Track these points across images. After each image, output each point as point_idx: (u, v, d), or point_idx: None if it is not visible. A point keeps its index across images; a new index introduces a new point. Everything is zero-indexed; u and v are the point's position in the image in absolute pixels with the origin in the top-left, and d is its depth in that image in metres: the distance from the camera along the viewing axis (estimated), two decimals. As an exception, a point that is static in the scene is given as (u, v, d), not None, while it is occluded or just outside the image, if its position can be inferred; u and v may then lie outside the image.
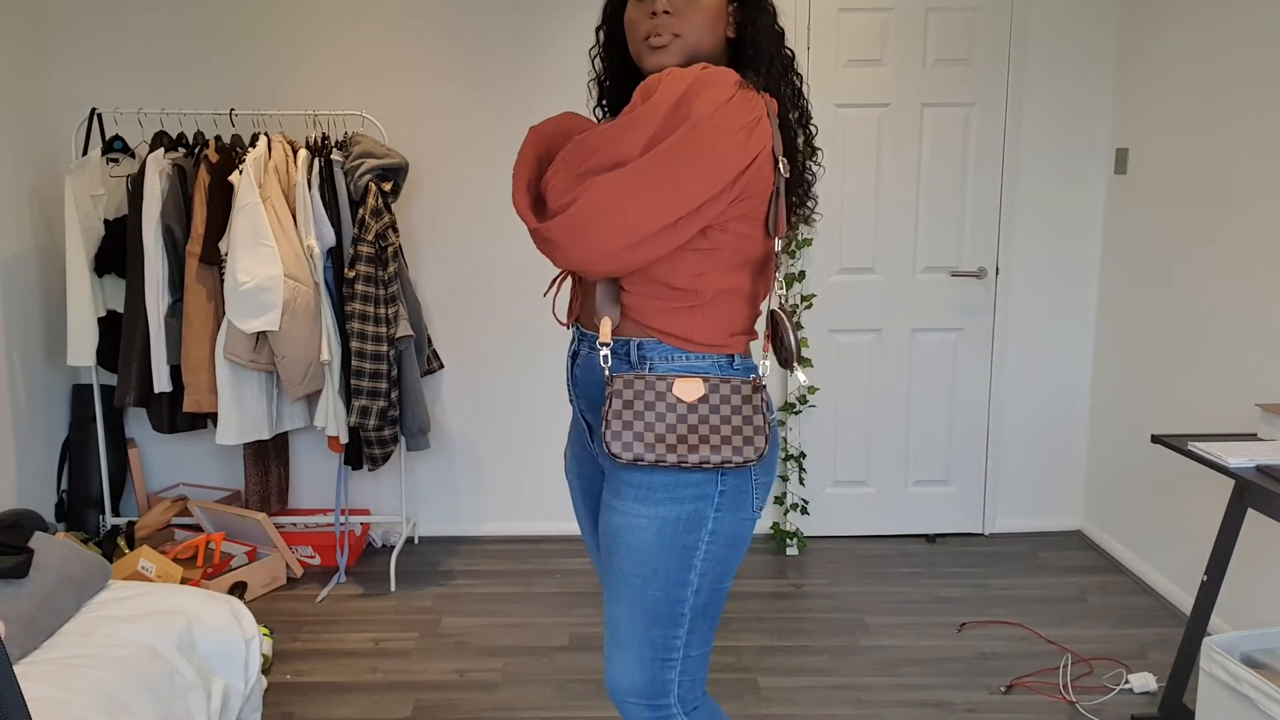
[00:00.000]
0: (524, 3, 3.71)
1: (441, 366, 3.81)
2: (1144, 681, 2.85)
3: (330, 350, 3.36)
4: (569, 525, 4.03)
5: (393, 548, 3.83)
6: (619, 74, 1.75)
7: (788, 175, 1.63)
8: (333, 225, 3.36)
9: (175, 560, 3.39)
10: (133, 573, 3.23)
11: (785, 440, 3.93)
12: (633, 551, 1.60)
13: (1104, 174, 3.84)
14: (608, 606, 1.68)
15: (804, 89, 1.69)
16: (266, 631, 2.97)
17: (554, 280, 1.82)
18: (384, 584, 3.60)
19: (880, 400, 3.95)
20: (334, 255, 3.40)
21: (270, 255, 3.19)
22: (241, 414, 3.35)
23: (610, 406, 1.57)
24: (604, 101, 1.79)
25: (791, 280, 3.79)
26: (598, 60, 1.76)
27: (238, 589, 3.39)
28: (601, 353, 1.61)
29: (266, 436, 3.43)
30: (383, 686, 2.92)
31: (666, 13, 1.57)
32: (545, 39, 3.74)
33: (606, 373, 1.60)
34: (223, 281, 3.28)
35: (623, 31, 1.68)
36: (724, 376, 1.60)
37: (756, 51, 1.62)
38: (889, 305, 3.89)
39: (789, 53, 1.66)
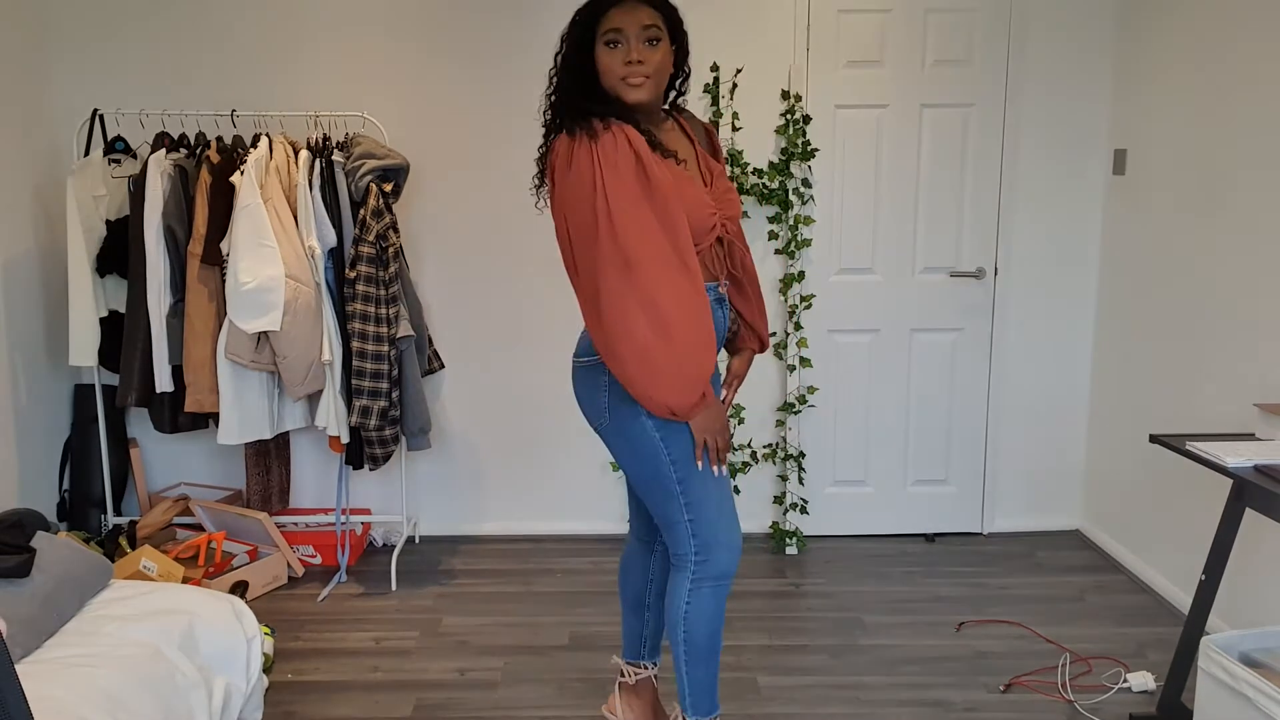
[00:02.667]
0: (524, 3, 3.72)
1: (442, 366, 3.82)
2: (1142, 680, 2.86)
3: (331, 350, 3.36)
4: (569, 525, 4.04)
5: (393, 547, 3.83)
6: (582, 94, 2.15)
7: None
8: (334, 226, 3.37)
9: (177, 560, 3.40)
10: (134, 572, 3.23)
11: (785, 440, 3.94)
12: None
13: (1103, 174, 3.85)
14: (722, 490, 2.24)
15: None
16: (268, 631, 2.98)
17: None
18: (385, 583, 3.60)
19: (879, 400, 3.95)
20: (335, 256, 3.41)
21: (272, 256, 3.19)
22: (243, 414, 3.36)
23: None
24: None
25: (791, 280, 3.80)
26: (562, 79, 2.16)
27: (239, 588, 3.40)
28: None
29: (268, 436, 3.44)
30: (384, 685, 2.93)
31: (640, 61, 2.07)
32: (545, 39, 3.73)
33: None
34: (224, 282, 3.29)
35: (587, 64, 2.11)
36: None
37: (683, 79, 2.27)
38: (888, 305, 3.90)
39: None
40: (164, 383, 3.42)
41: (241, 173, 3.24)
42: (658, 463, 2.16)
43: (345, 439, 3.46)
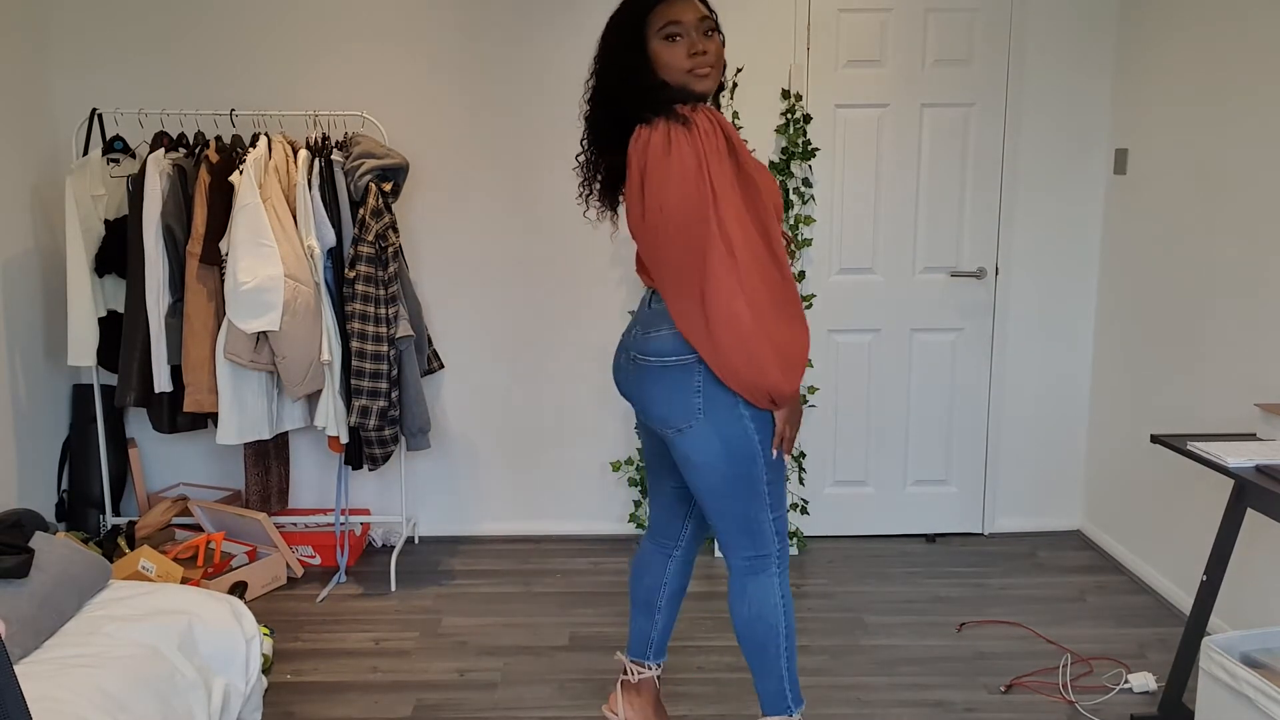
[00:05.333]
0: (523, 3, 3.72)
1: (442, 366, 3.81)
2: (1143, 681, 2.86)
3: (331, 350, 3.36)
4: (568, 525, 4.03)
5: (393, 547, 3.83)
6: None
7: None
8: (333, 225, 3.36)
9: (176, 560, 3.39)
10: (133, 572, 3.23)
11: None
12: None
13: (1103, 174, 3.85)
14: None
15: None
16: (267, 631, 2.98)
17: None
18: (384, 584, 3.60)
19: (880, 400, 3.95)
20: (334, 255, 3.40)
21: (271, 255, 3.19)
22: (242, 414, 3.35)
23: None
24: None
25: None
26: (591, 104, 2.19)
27: (238, 589, 3.39)
28: None
29: (267, 436, 3.44)
30: (383, 686, 2.92)
31: (704, 51, 2.08)
32: (544, 38, 3.74)
33: None
34: (223, 281, 3.29)
35: (640, 61, 2.09)
36: None
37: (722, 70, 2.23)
38: (889, 305, 3.89)
39: None
40: (163, 383, 3.42)
41: (240, 172, 3.23)
42: (752, 464, 2.13)
43: (344, 439, 3.45)
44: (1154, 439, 2.65)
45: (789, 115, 3.73)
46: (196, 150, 3.45)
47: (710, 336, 2.02)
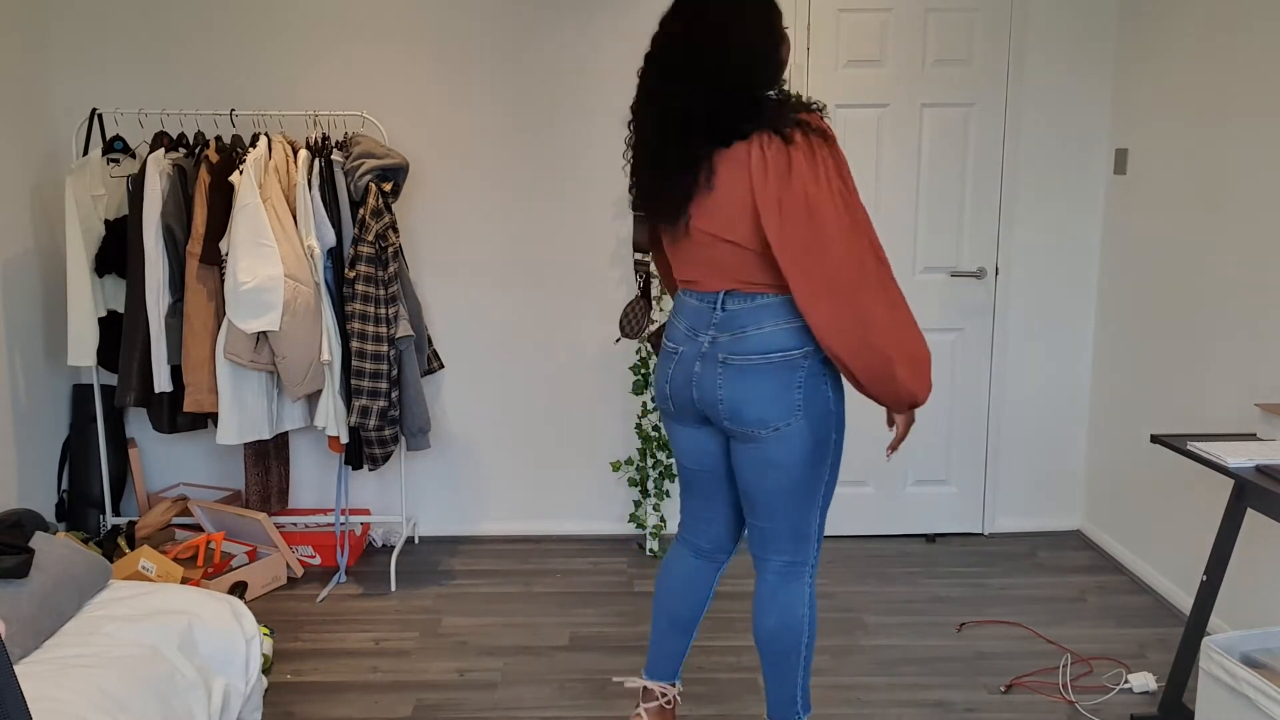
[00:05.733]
0: (524, 2, 3.72)
1: (442, 366, 3.81)
2: (1143, 681, 2.86)
3: (331, 350, 3.36)
4: (569, 525, 4.03)
5: (393, 547, 3.83)
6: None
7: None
8: (333, 225, 3.36)
9: (176, 560, 3.39)
10: (133, 572, 3.23)
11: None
12: None
13: (1103, 174, 3.85)
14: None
15: None
16: (267, 631, 2.98)
17: None
18: (384, 584, 3.60)
19: (880, 400, 3.95)
20: (334, 255, 3.40)
21: (271, 255, 3.19)
22: (242, 414, 3.35)
23: None
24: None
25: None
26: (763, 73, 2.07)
27: (238, 589, 3.39)
28: None
29: (267, 436, 3.44)
30: (383, 686, 2.92)
31: None
32: (545, 38, 3.74)
33: None
34: (223, 281, 3.29)
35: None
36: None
37: None
38: (889, 305, 3.89)
39: None
40: (163, 383, 3.42)
41: (240, 172, 3.23)
42: (822, 467, 2.12)
43: (344, 439, 3.45)
44: (1154, 439, 2.65)
45: (789, 115, 3.73)
46: (196, 150, 3.45)
47: (867, 344, 1.95)
